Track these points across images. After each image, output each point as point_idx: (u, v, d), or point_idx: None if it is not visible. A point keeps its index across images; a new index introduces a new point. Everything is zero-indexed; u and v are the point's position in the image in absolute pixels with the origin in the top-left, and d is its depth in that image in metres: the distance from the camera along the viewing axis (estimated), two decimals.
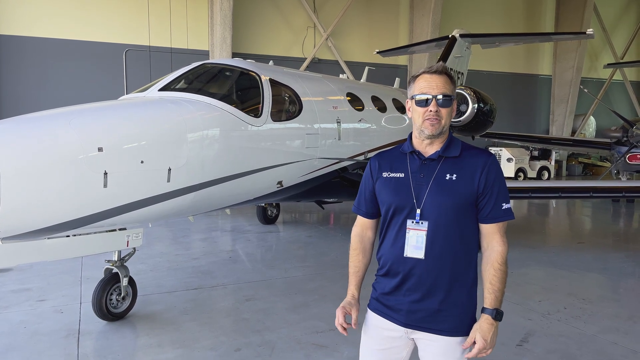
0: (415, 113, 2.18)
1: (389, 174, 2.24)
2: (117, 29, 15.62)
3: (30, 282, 6.07)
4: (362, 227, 2.41)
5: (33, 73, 14.81)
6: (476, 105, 9.68)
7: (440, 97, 2.11)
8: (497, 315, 2.09)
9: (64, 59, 15.08)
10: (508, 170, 19.59)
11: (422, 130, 2.16)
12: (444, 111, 2.13)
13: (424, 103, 2.13)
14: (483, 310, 2.12)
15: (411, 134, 2.28)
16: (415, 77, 2.21)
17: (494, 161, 2.19)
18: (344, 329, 2.24)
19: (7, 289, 5.82)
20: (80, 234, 4.31)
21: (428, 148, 2.20)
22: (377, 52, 14.44)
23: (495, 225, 2.16)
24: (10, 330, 4.66)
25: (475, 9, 21.76)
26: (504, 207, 2.16)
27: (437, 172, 2.15)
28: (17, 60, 14.62)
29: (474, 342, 2.08)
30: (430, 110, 2.11)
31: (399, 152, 2.29)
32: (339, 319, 2.24)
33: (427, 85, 2.13)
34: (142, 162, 4.23)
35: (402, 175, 2.21)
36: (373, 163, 2.34)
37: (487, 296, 2.12)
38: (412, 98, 2.19)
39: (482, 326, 2.08)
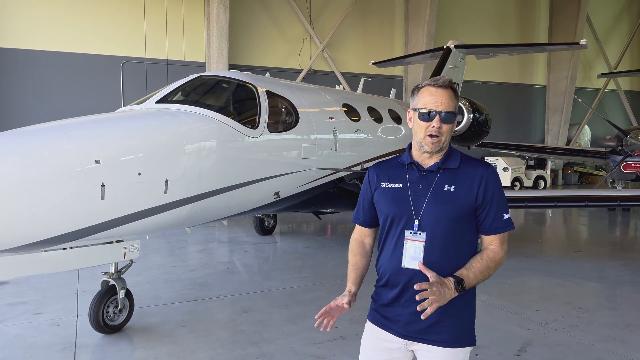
0: (417, 126, 2.16)
1: (387, 184, 2.24)
2: (114, 41, 15.67)
3: (27, 295, 6.04)
4: (360, 235, 2.44)
5: (30, 85, 14.82)
6: (472, 115, 9.79)
7: (444, 113, 2.10)
8: (458, 284, 2.02)
9: (61, 71, 15.10)
10: (504, 179, 19.66)
11: (422, 145, 2.16)
12: (445, 127, 2.12)
13: (428, 118, 2.11)
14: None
15: (410, 144, 2.27)
16: (419, 88, 2.18)
17: (493, 172, 2.19)
18: (323, 317, 2.16)
19: (3, 302, 5.79)
20: (77, 247, 4.31)
21: (427, 160, 2.20)
22: (373, 63, 14.54)
23: (496, 236, 2.19)
24: (6, 343, 4.63)
25: (469, 20, 21.97)
26: (504, 218, 2.18)
27: (435, 183, 2.15)
28: (13, 73, 14.63)
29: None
30: (433, 126, 2.10)
31: (398, 162, 2.29)
32: (329, 304, 2.17)
33: (432, 100, 2.11)
34: (139, 174, 4.24)
35: (400, 185, 2.21)
36: (372, 173, 2.34)
37: (462, 270, 2.07)
38: (415, 110, 2.16)
39: (443, 280, 1.99)
